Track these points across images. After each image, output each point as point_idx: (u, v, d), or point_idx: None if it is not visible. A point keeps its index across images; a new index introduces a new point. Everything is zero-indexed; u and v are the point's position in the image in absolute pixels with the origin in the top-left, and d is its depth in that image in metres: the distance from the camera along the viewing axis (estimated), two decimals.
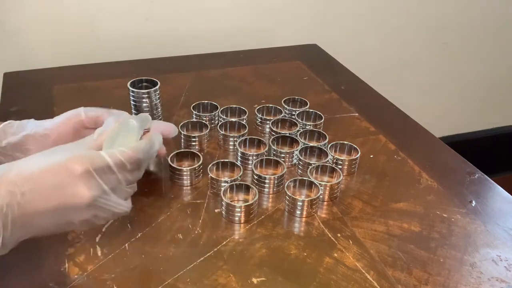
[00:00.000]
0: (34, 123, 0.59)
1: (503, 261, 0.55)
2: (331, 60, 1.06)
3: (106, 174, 0.45)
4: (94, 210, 0.45)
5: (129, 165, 0.47)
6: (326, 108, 0.82)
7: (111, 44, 1.11)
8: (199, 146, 0.71)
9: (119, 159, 0.46)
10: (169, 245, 0.54)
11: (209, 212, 0.60)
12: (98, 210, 0.45)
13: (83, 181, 0.43)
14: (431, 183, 0.67)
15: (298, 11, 1.24)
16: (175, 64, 1.00)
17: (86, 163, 0.44)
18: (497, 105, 1.68)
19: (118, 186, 0.47)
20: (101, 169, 0.45)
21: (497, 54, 1.57)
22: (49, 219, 0.43)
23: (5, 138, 0.57)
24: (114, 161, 0.46)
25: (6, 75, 0.91)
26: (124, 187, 0.48)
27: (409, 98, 1.37)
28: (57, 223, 0.44)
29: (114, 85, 0.89)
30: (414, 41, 1.42)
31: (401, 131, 0.80)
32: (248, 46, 1.10)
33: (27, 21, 1.03)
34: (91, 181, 0.44)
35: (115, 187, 0.46)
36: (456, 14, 1.43)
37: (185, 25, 1.15)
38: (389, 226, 0.59)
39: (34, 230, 0.44)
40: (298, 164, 0.67)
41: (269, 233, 0.57)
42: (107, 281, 0.50)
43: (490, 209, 0.63)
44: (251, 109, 0.78)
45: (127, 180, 0.48)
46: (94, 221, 0.46)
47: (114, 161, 0.46)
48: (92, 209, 0.45)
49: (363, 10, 1.31)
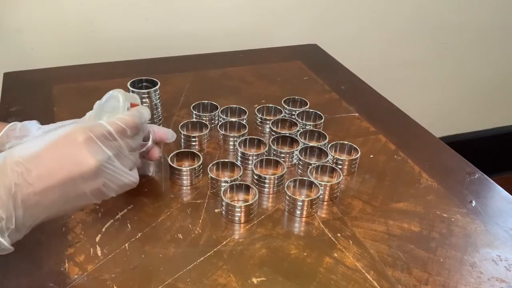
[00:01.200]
0: (37, 127, 0.59)
1: (503, 261, 0.55)
2: (331, 60, 1.06)
3: (108, 141, 0.47)
4: (102, 177, 0.46)
5: (129, 130, 0.49)
6: (326, 108, 0.82)
7: (111, 44, 1.11)
8: (199, 146, 0.71)
9: (119, 125, 0.48)
10: (169, 245, 0.54)
11: (209, 212, 0.60)
12: (106, 178, 0.46)
13: (87, 148, 0.44)
14: (431, 183, 0.67)
15: (298, 11, 1.25)
16: (175, 64, 1.00)
17: (87, 132, 0.45)
18: (497, 105, 1.68)
19: (121, 153, 0.48)
20: (103, 135, 0.46)
21: (497, 54, 1.57)
22: (59, 193, 0.43)
23: (8, 141, 0.57)
24: (114, 128, 0.48)
25: (6, 75, 0.91)
26: (127, 154, 0.49)
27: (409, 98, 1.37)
28: (69, 197, 0.44)
29: (114, 85, 0.87)
30: (414, 41, 1.42)
31: (401, 131, 0.80)
32: (248, 46, 1.10)
33: (27, 21, 1.03)
34: (95, 147, 0.45)
35: (118, 153, 0.48)
36: (456, 14, 1.43)
37: (185, 25, 1.15)
38: (389, 226, 0.59)
39: (47, 210, 0.44)
40: (298, 164, 0.67)
41: (269, 233, 0.57)
42: (107, 281, 0.50)
43: (490, 209, 0.63)
44: (251, 109, 0.78)
45: (129, 146, 0.50)
46: (104, 191, 0.47)
47: (114, 128, 0.48)
48: (100, 176, 0.45)
49: (363, 10, 1.31)
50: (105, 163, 0.46)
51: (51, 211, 0.44)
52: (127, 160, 0.50)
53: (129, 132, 0.49)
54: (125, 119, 0.49)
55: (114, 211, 0.59)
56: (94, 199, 0.47)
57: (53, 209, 0.44)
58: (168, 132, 0.64)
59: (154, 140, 0.60)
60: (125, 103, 0.54)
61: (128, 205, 0.60)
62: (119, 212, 0.59)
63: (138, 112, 0.53)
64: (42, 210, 0.43)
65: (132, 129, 0.50)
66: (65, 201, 0.45)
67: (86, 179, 0.44)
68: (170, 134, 0.64)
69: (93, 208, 0.59)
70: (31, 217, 0.43)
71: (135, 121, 0.50)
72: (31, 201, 0.42)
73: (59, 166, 0.43)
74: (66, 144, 0.44)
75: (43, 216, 0.44)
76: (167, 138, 0.63)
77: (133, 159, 0.51)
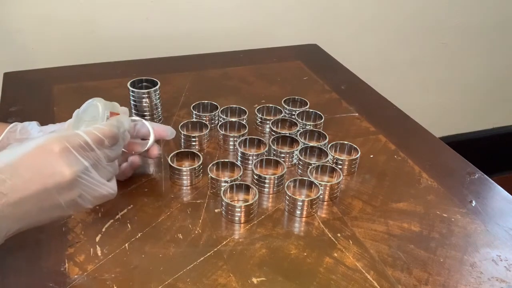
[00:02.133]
0: (37, 128, 0.59)
1: (503, 261, 0.55)
2: (331, 60, 1.06)
3: (85, 151, 0.45)
4: (78, 188, 0.45)
5: (107, 140, 0.48)
6: (326, 108, 0.82)
7: (111, 44, 1.11)
8: (199, 146, 0.71)
9: (96, 135, 0.47)
10: (169, 245, 0.54)
11: (209, 212, 0.60)
12: (82, 189, 0.45)
13: (62, 159, 0.43)
14: (431, 183, 0.67)
15: (298, 11, 1.25)
16: (175, 64, 1.00)
17: (63, 142, 0.44)
18: (497, 105, 1.68)
19: (98, 163, 0.47)
20: (79, 145, 0.45)
21: (497, 54, 1.57)
22: (34, 204, 0.42)
23: (9, 144, 0.57)
24: (92, 138, 0.47)
25: (6, 75, 0.91)
26: (105, 165, 0.48)
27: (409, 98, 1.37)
28: (43, 208, 0.43)
29: (114, 85, 0.89)
30: (414, 41, 1.42)
31: (401, 131, 0.80)
32: (248, 46, 1.10)
33: (27, 21, 1.03)
34: (70, 158, 0.44)
35: (95, 164, 0.47)
36: (456, 14, 1.43)
37: (185, 25, 1.15)
38: (389, 226, 0.59)
39: (21, 221, 0.43)
40: (298, 164, 0.67)
41: (269, 233, 0.57)
42: (107, 281, 0.50)
43: (490, 209, 0.63)
44: (251, 109, 0.78)
45: (107, 156, 0.48)
46: (80, 202, 0.45)
47: (91, 138, 0.46)
48: (76, 188, 0.44)
49: (363, 10, 1.31)
50: (81, 173, 0.44)
51: (25, 222, 0.43)
52: (105, 171, 0.48)
53: (107, 142, 0.48)
54: (102, 129, 0.48)
55: (114, 211, 0.59)
56: (69, 211, 0.46)
57: (27, 220, 0.43)
58: (167, 129, 0.64)
59: (154, 138, 0.60)
60: (104, 112, 0.53)
61: (128, 205, 0.60)
62: (119, 212, 0.59)
63: (117, 121, 0.51)
64: (16, 221, 0.42)
65: (110, 139, 0.48)
66: (40, 212, 0.43)
67: (62, 190, 0.43)
68: (170, 131, 0.64)
69: (93, 208, 0.58)
70: (5, 228, 0.42)
71: (113, 130, 0.49)
72: (4, 212, 0.41)
73: (34, 177, 0.42)
74: (42, 154, 0.43)
75: (17, 227, 0.43)
76: (166, 135, 0.63)
77: (111, 170, 0.50)
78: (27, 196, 0.42)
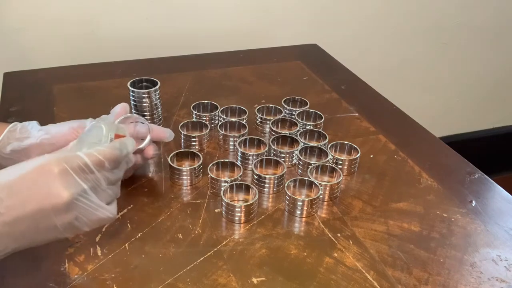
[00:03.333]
0: (37, 128, 0.59)
1: (503, 261, 0.55)
2: (331, 60, 1.06)
3: (84, 173, 0.44)
4: (75, 211, 0.44)
5: (107, 162, 0.47)
6: (326, 108, 0.82)
7: (111, 44, 1.11)
8: (199, 146, 0.71)
9: (97, 157, 0.46)
10: (169, 245, 0.54)
11: (209, 212, 0.60)
12: (79, 212, 0.44)
13: (60, 180, 0.42)
14: (431, 183, 0.67)
15: (298, 11, 1.25)
16: (175, 64, 1.00)
17: (62, 163, 0.43)
18: (497, 105, 1.68)
19: (98, 186, 0.46)
20: (79, 167, 0.44)
21: (497, 54, 1.57)
22: (29, 224, 0.42)
23: (9, 143, 0.57)
24: (92, 160, 0.45)
25: (6, 75, 0.91)
26: (105, 188, 0.47)
27: (409, 98, 1.37)
28: (39, 229, 0.43)
29: (114, 85, 0.89)
30: (414, 41, 1.42)
31: (401, 131, 0.80)
32: (248, 46, 1.10)
33: (27, 21, 1.03)
34: (69, 180, 0.43)
35: (95, 186, 0.45)
36: (456, 14, 1.43)
37: (185, 25, 1.15)
38: (389, 226, 0.59)
39: (17, 241, 0.42)
40: (298, 164, 0.67)
41: (269, 233, 0.57)
42: (107, 281, 0.50)
43: (490, 209, 0.63)
44: (251, 109, 0.78)
45: (107, 179, 0.47)
46: (77, 225, 0.44)
47: (91, 160, 0.45)
48: (73, 210, 0.43)
49: (363, 10, 1.31)
50: (78, 196, 0.43)
51: (20, 242, 0.43)
52: (104, 194, 0.47)
53: (108, 164, 0.47)
54: (103, 151, 0.47)
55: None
56: (65, 233, 0.44)
57: (23, 241, 0.43)
58: (166, 131, 0.63)
59: (151, 139, 0.60)
60: (108, 134, 0.52)
61: (128, 205, 0.60)
62: (119, 212, 0.59)
63: (120, 144, 0.50)
64: (11, 240, 0.42)
65: (111, 162, 0.47)
66: (35, 233, 0.43)
67: (58, 212, 0.42)
68: (168, 133, 0.64)
69: None
70: (1, 245, 0.41)
71: (115, 153, 0.48)
72: (1, 230, 0.40)
73: (30, 197, 0.41)
74: (40, 175, 0.42)
75: (13, 246, 0.42)
76: (165, 136, 0.63)
77: (111, 193, 0.48)
78: (23, 215, 0.41)
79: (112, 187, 0.49)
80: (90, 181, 0.45)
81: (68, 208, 0.43)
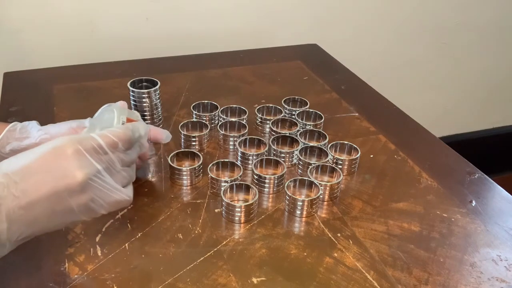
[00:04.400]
0: (37, 128, 0.59)
1: (503, 261, 0.55)
2: (331, 60, 1.06)
3: (98, 154, 0.45)
4: (90, 192, 0.44)
5: (121, 143, 0.47)
6: (326, 108, 0.82)
7: (111, 44, 1.11)
8: (199, 146, 0.71)
9: (110, 138, 0.46)
10: (169, 245, 0.54)
11: (209, 212, 0.60)
12: (94, 193, 0.44)
13: (74, 161, 0.42)
14: (431, 183, 0.67)
15: (298, 11, 1.25)
16: (175, 64, 1.00)
17: (76, 144, 0.43)
18: (497, 105, 1.68)
19: (112, 167, 0.46)
20: (93, 148, 0.44)
21: (497, 54, 1.57)
22: (45, 207, 0.42)
23: (8, 143, 0.57)
24: (105, 141, 0.46)
25: (6, 75, 0.91)
26: (119, 170, 0.47)
27: (409, 98, 1.37)
28: (55, 212, 0.42)
29: (114, 85, 0.89)
30: (414, 41, 1.42)
31: (401, 131, 0.80)
32: (248, 46, 1.10)
33: (27, 21, 1.03)
34: (82, 160, 0.43)
35: (109, 168, 0.46)
36: (456, 14, 1.43)
37: (185, 25, 1.15)
38: (389, 226, 0.59)
39: (33, 225, 0.42)
40: (298, 164, 0.67)
41: (269, 233, 0.57)
42: (107, 281, 0.50)
43: (490, 209, 0.63)
44: (251, 109, 0.78)
45: (121, 160, 0.47)
46: (93, 207, 0.44)
47: (105, 141, 0.45)
48: (88, 191, 0.43)
49: (363, 10, 1.31)
50: (93, 177, 0.43)
51: (37, 226, 0.42)
52: (119, 176, 0.47)
53: (121, 145, 0.47)
54: (117, 132, 0.47)
55: (114, 211, 0.58)
56: (82, 216, 0.44)
57: (40, 225, 0.43)
58: (163, 133, 0.63)
59: (148, 139, 0.60)
60: (120, 117, 0.53)
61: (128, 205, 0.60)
62: (119, 212, 0.59)
63: (133, 126, 0.51)
64: (28, 224, 0.42)
65: (124, 142, 0.47)
66: (51, 216, 0.43)
67: (73, 193, 0.42)
68: (165, 135, 0.63)
69: None
70: (17, 231, 0.41)
71: (127, 134, 0.48)
72: (16, 214, 0.40)
73: (44, 179, 0.41)
74: (54, 157, 0.42)
75: (29, 231, 0.42)
76: (161, 138, 0.63)
77: (126, 175, 0.48)
78: (38, 198, 0.41)
79: (127, 169, 0.49)
80: (104, 162, 0.45)
81: (83, 189, 0.43)
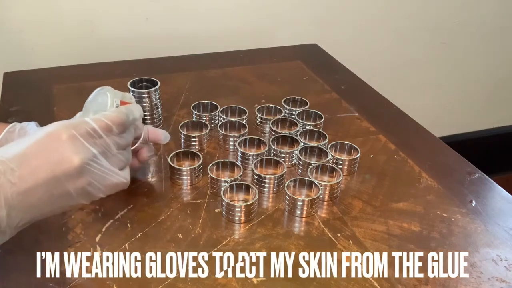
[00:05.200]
0: (36, 129, 0.59)
1: (503, 261, 0.55)
2: (331, 60, 1.06)
3: (93, 138, 0.45)
4: (87, 176, 0.44)
5: (115, 126, 0.48)
6: (326, 108, 0.82)
7: (111, 44, 1.11)
8: (199, 146, 0.71)
9: (104, 122, 0.47)
10: (169, 245, 0.54)
11: (209, 212, 0.60)
12: (91, 177, 0.45)
13: (70, 146, 0.43)
14: (431, 183, 0.67)
15: (298, 11, 1.25)
16: (175, 64, 1.00)
17: (70, 129, 0.44)
18: (497, 105, 1.68)
19: (108, 151, 0.47)
20: (87, 133, 0.45)
21: (497, 54, 1.57)
22: (43, 193, 0.42)
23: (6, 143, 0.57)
24: (99, 125, 0.46)
25: (6, 75, 0.91)
26: (115, 153, 0.48)
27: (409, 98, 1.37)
28: (53, 197, 0.43)
29: (114, 85, 0.87)
30: (414, 41, 1.42)
31: (401, 131, 0.80)
32: (248, 46, 1.10)
33: (27, 21, 1.03)
34: (78, 145, 0.44)
35: (104, 151, 0.46)
36: (456, 14, 1.43)
37: (185, 25, 1.15)
38: (389, 226, 0.59)
39: (33, 210, 0.43)
40: (298, 164, 0.67)
41: (269, 233, 0.57)
42: (107, 281, 0.50)
43: (490, 209, 0.63)
44: (251, 109, 0.78)
45: (117, 144, 0.48)
46: (90, 190, 0.45)
47: (98, 125, 0.46)
48: (84, 175, 0.44)
49: (363, 10, 1.31)
50: (89, 161, 0.44)
51: (36, 211, 0.43)
52: (115, 159, 0.48)
53: (115, 129, 0.48)
54: (110, 116, 0.48)
55: (114, 211, 0.59)
56: (80, 199, 0.45)
57: (38, 210, 0.43)
58: (162, 133, 0.63)
59: (146, 139, 0.60)
60: (113, 100, 0.53)
61: (128, 205, 0.60)
62: (119, 212, 0.59)
63: (127, 109, 0.52)
64: (26, 210, 0.42)
65: (118, 126, 0.48)
66: (50, 201, 0.43)
67: (70, 178, 0.43)
68: (164, 136, 0.63)
69: (93, 208, 0.59)
70: (16, 217, 0.42)
71: (121, 117, 0.49)
72: (14, 201, 0.41)
73: (41, 164, 0.42)
74: (49, 143, 0.43)
75: (29, 217, 0.43)
76: (160, 139, 0.62)
77: (122, 158, 0.49)
78: (35, 184, 0.42)
79: (123, 152, 0.50)
80: (99, 146, 0.46)
81: (80, 173, 0.44)
